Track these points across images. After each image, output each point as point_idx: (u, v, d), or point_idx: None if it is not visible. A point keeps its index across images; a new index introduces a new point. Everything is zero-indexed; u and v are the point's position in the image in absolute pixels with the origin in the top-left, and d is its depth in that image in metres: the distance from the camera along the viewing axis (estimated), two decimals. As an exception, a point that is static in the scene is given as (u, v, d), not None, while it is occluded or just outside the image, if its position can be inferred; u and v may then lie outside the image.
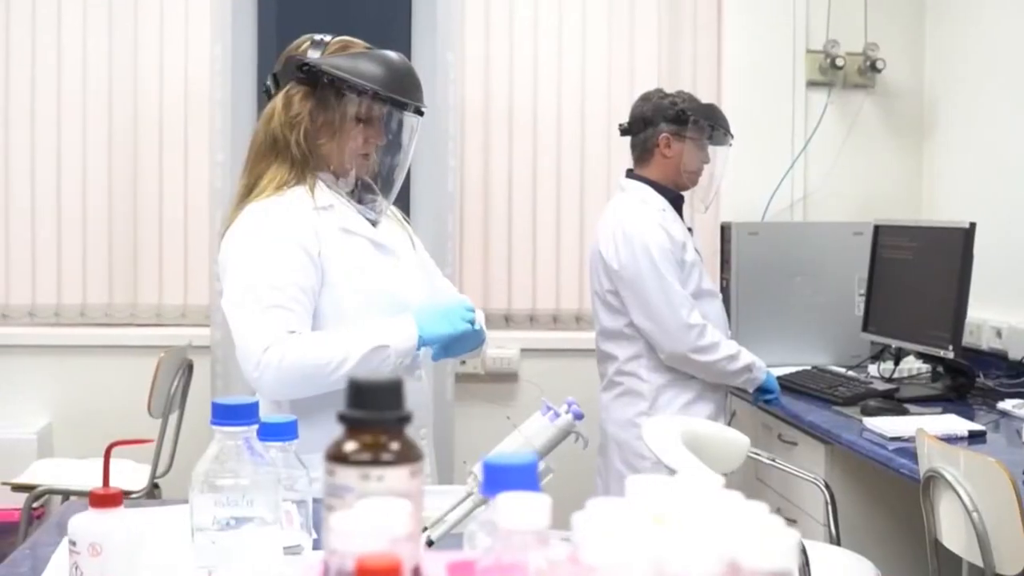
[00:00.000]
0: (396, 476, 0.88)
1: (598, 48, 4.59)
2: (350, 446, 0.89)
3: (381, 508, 0.81)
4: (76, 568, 1.43)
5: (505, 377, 4.57)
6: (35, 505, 3.80)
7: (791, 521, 3.42)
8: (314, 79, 2.26)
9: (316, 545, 1.61)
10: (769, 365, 3.62)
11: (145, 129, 4.46)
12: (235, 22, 4.28)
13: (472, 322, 2.30)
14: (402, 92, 2.29)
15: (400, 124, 2.33)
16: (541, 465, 1.75)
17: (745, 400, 3.72)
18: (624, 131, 3.63)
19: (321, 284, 2.24)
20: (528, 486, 0.86)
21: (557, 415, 1.74)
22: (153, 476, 3.86)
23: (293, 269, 2.21)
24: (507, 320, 4.64)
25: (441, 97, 4.31)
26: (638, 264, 3.40)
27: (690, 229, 3.60)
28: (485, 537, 0.84)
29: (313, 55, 2.28)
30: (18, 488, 3.84)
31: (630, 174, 3.62)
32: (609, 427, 3.54)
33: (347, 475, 0.88)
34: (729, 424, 3.70)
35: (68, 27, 4.44)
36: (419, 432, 2.37)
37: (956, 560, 2.63)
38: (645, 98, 3.62)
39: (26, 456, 4.14)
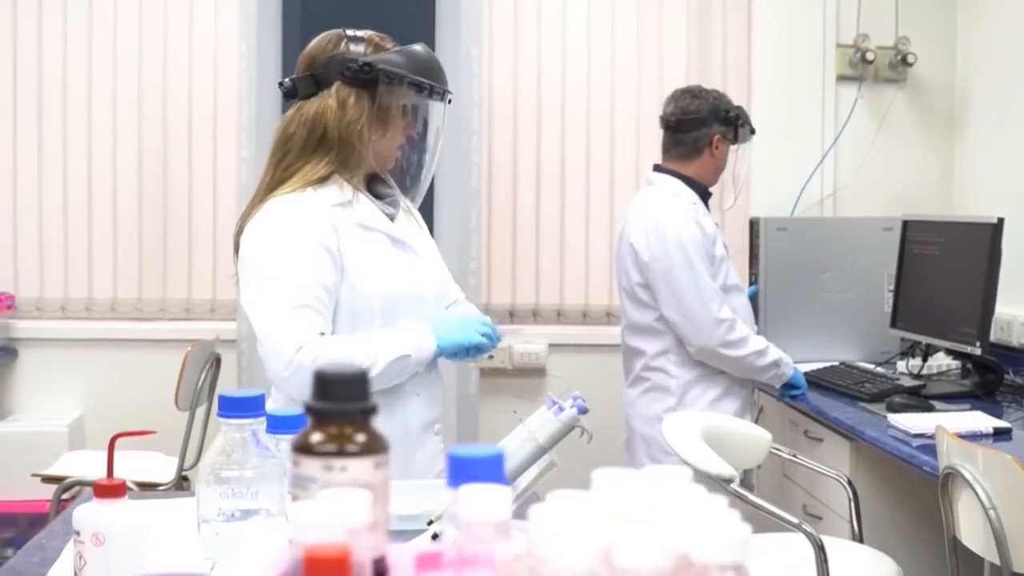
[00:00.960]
0: (359, 467, 0.88)
1: (626, 41, 4.58)
2: (315, 437, 0.90)
3: (338, 498, 0.81)
4: (80, 557, 1.44)
5: (532, 372, 4.57)
6: (64, 497, 3.84)
7: (816, 518, 3.41)
8: (371, 78, 2.25)
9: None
10: (797, 361, 3.59)
11: (174, 126, 4.51)
12: (260, 20, 4.31)
13: (488, 336, 2.32)
14: (444, 84, 2.33)
15: (440, 116, 2.36)
16: (546, 459, 1.76)
17: (772, 396, 3.71)
18: (669, 125, 3.59)
19: (340, 280, 2.25)
20: (493, 478, 0.86)
21: (562, 409, 1.75)
22: (180, 469, 3.89)
23: (316, 267, 2.21)
24: (535, 315, 4.64)
25: (465, 91, 4.31)
26: (671, 257, 3.39)
27: (716, 224, 3.59)
28: (453, 529, 0.85)
29: (356, 52, 2.27)
30: (48, 479, 3.89)
31: (658, 168, 3.61)
32: (635, 423, 3.53)
33: (311, 466, 0.88)
34: (756, 420, 3.68)
35: (98, 27, 4.49)
36: (433, 428, 2.37)
37: (979, 558, 2.61)
38: (695, 95, 3.57)
39: (57, 448, 4.19)
